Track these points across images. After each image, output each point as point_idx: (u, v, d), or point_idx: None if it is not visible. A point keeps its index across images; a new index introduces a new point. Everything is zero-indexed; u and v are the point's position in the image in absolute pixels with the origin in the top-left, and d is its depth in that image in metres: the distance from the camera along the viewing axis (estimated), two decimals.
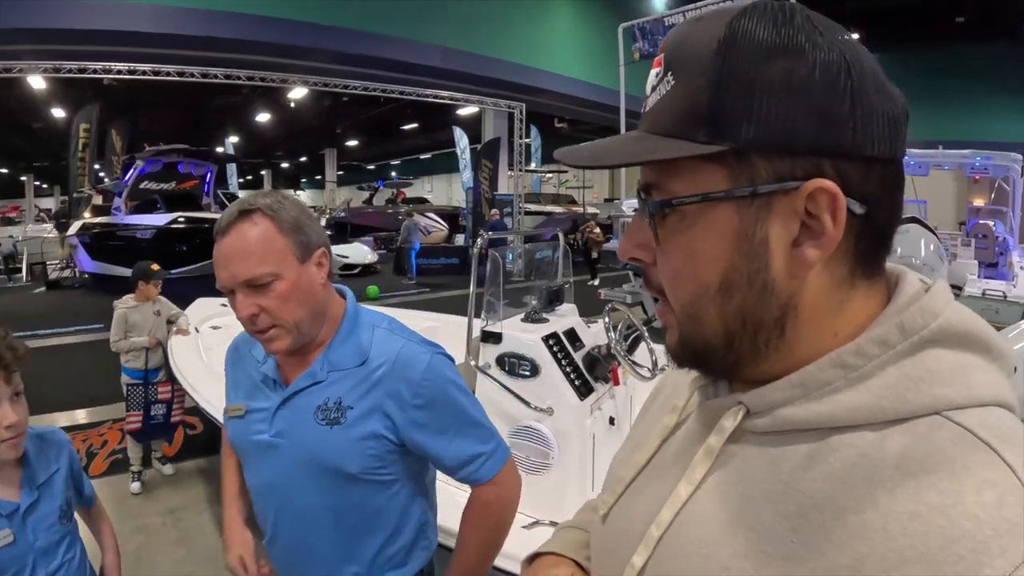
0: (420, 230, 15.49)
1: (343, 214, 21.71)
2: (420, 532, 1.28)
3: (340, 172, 37.20)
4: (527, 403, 2.24)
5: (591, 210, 20.37)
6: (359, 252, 15.05)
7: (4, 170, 28.46)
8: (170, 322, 4.17)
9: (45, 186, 24.26)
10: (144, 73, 11.09)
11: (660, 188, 0.48)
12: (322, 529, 1.19)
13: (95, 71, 10.36)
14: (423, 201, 24.45)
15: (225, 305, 5.54)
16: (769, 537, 0.44)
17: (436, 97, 13.56)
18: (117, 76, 10.87)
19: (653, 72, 0.49)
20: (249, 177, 38.57)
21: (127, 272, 4.29)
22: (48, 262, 14.66)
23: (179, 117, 20.49)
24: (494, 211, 14.77)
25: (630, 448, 0.66)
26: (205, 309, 5.11)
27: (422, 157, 34.22)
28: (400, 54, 13.22)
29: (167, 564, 3.19)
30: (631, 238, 0.52)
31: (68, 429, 4.85)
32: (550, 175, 24.89)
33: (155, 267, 4.10)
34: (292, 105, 20.16)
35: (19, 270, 14.72)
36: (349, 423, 1.15)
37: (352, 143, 30.86)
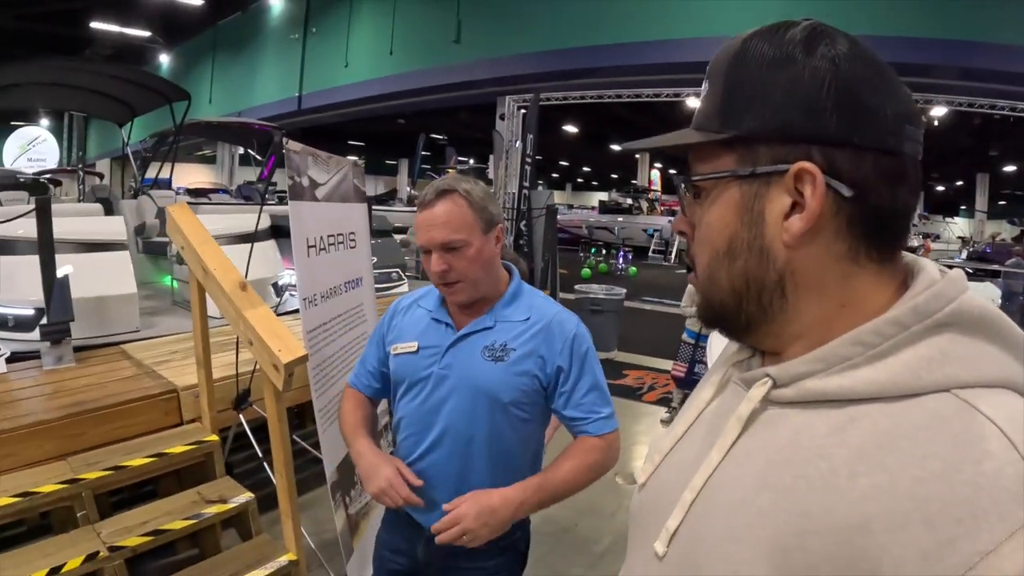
0: None
1: (987, 249, 18.75)
2: (536, 471, 1.45)
3: (1002, 202, 31.84)
4: None
5: None
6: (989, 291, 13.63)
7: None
8: None
9: None
10: None
11: (691, 171, 0.59)
12: (475, 446, 1.37)
13: (667, 96, 11.93)
14: None
15: None
16: (788, 496, 0.48)
17: None
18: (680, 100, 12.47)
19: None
20: None
21: None
22: None
23: None
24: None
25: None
26: None
27: None
28: None
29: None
30: (682, 216, 0.62)
31: (641, 368, 6.80)
32: None
33: None
34: (935, 124, 18.28)
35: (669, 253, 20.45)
36: (511, 361, 1.36)
37: (1010, 168, 25.12)
